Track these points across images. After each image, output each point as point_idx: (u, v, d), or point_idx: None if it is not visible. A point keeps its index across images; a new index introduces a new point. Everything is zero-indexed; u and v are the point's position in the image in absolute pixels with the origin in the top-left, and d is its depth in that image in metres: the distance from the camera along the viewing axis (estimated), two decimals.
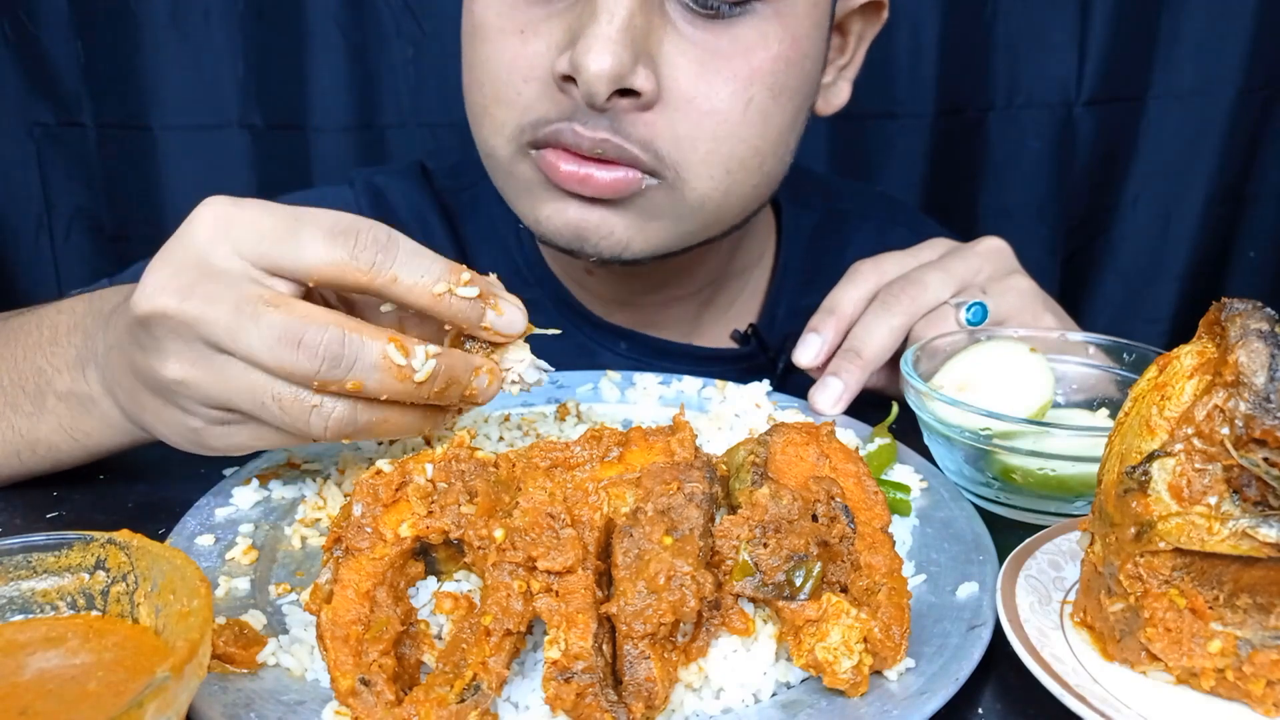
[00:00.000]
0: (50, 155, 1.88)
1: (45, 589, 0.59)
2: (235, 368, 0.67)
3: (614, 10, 0.87)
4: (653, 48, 0.91)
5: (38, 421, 0.83)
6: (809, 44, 0.99)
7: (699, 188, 0.97)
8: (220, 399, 0.68)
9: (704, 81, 0.93)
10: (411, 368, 0.68)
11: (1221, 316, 0.62)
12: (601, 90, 0.89)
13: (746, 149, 0.97)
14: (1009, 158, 1.96)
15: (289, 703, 0.60)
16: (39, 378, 0.83)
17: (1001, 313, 1.02)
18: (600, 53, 0.87)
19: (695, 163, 0.95)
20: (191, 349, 0.67)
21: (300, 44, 1.81)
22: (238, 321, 0.65)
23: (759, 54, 0.94)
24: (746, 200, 1.04)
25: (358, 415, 0.69)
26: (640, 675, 0.58)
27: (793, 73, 0.98)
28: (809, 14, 0.98)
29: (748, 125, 0.96)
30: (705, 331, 1.26)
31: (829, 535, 0.65)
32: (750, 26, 0.93)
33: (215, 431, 0.72)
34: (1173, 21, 1.89)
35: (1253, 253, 2.07)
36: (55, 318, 0.86)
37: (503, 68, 0.95)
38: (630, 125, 0.93)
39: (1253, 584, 0.60)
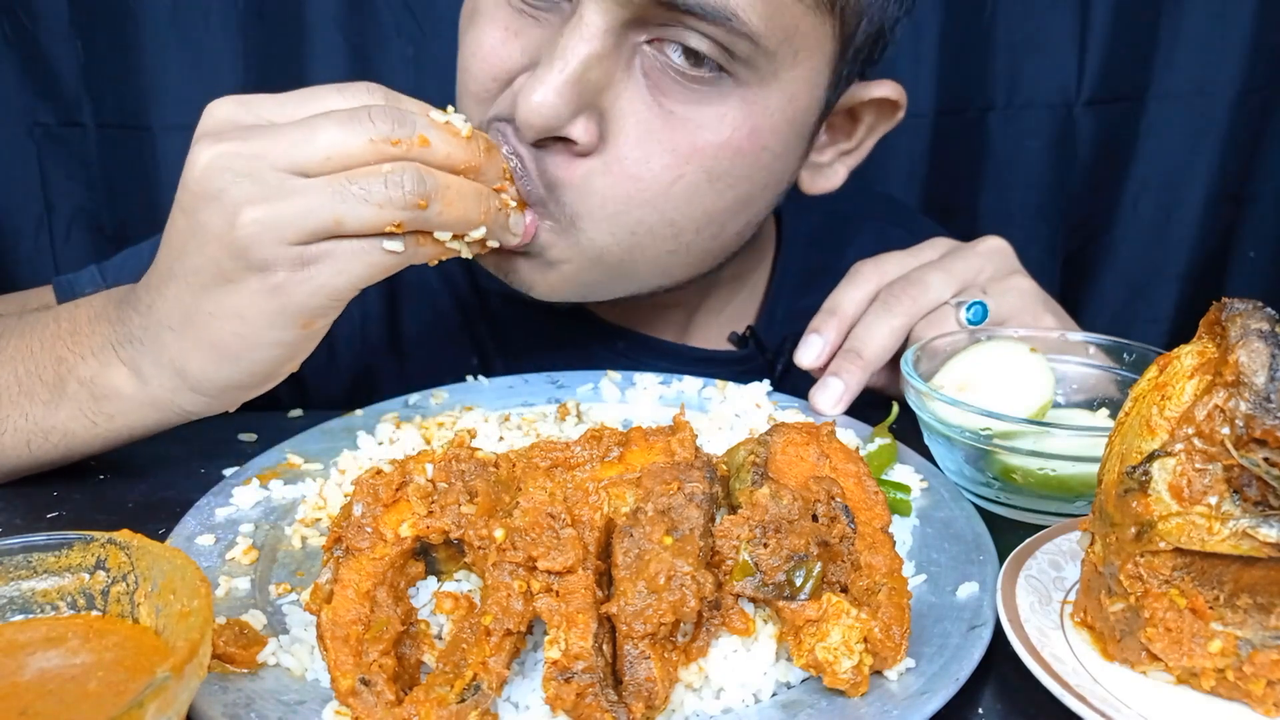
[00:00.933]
0: (50, 155, 1.88)
1: (45, 589, 0.59)
2: (309, 182, 0.73)
3: (569, 58, 0.85)
4: (605, 101, 0.89)
5: (55, 409, 0.83)
6: (773, 138, 0.96)
7: (597, 239, 0.94)
8: (301, 218, 0.72)
9: (641, 147, 0.90)
10: (453, 124, 0.80)
11: (1222, 316, 0.62)
12: (529, 134, 0.88)
13: (659, 219, 0.94)
14: (1009, 158, 1.96)
15: (289, 703, 0.60)
16: (59, 366, 0.83)
17: (1002, 313, 1.02)
18: (540, 97, 0.85)
19: (599, 217, 0.93)
20: (262, 183, 0.72)
21: (300, 44, 1.80)
22: (305, 133, 0.73)
23: (706, 135, 0.91)
24: (664, 264, 1.00)
25: (424, 174, 0.75)
26: (640, 675, 0.58)
27: (741, 162, 0.94)
28: (781, 109, 0.94)
29: (668, 198, 0.93)
30: (701, 333, 1.26)
31: (829, 535, 0.65)
32: (711, 105, 0.91)
33: (298, 279, 0.74)
34: (1173, 21, 1.88)
35: (1253, 253, 2.07)
36: (74, 311, 0.86)
37: (477, 60, 0.95)
38: (549, 161, 0.91)
39: (1253, 584, 0.60)
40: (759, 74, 0.90)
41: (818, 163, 1.10)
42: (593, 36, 0.85)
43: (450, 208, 0.77)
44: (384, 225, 0.74)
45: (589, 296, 1.04)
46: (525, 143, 0.90)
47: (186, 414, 0.84)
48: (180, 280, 0.76)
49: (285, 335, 0.77)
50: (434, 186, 0.76)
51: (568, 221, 0.93)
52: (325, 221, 0.73)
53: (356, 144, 0.74)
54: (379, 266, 0.76)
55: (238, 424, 1.01)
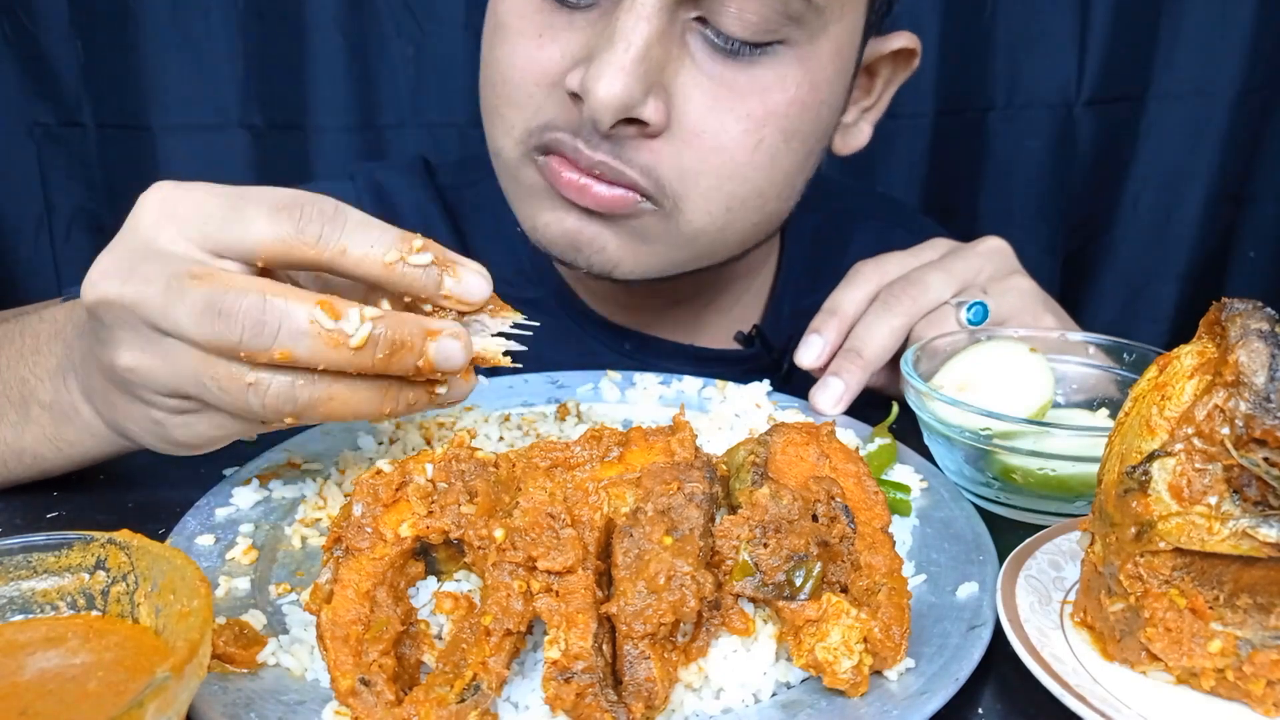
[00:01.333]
0: (50, 155, 1.88)
1: (45, 589, 0.59)
2: (177, 350, 0.65)
3: (631, 39, 0.86)
4: (668, 79, 0.91)
5: (22, 431, 0.82)
6: (828, 90, 0.98)
7: (696, 220, 0.96)
8: (169, 384, 0.66)
9: (715, 117, 0.92)
10: (343, 331, 0.63)
11: (1222, 316, 0.62)
12: (606, 119, 0.88)
13: (749, 188, 0.97)
14: (1009, 158, 1.96)
15: (289, 703, 0.60)
16: (23, 387, 0.82)
17: (1002, 313, 1.02)
18: (610, 81, 0.86)
19: (696, 196, 0.95)
20: (138, 335, 0.65)
21: (300, 44, 1.81)
22: (167, 298, 0.63)
23: (775, 96, 0.93)
24: (744, 236, 1.04)
25: (296, 391, 0.65)
26: (640, 675, 0.58)
27: (807, 117, 0.97)
28: (832, 61, 0.97)
29: (754, 166, 0.95)
30: (708, 332, 1.26)
31: (829, 535, 0.65)
32: (769, 68, 0.93)
33: (176, 422, 0.70)
34: (1173, 21, 1.89)
35: (1253, 253, 2.07)
36: (38, 326, 0.85)
37: (516, 70, 0.95)
38: (634, 151, 0.92)
39: (1253, 584, 0.60)
40: (809, 31, 0.93)
41: (844, 123, 1.11)
42: (650, 14, 0.87)
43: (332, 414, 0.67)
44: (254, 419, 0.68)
45: (665, 274, 1.05)
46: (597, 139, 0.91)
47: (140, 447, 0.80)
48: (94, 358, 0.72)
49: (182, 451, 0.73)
50: (305, 402, 0.66)
51: (672, 205, 0.95)
52: (190, 390, 0.66)
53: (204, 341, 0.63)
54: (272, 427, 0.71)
55: None
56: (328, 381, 0.66)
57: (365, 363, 0.65)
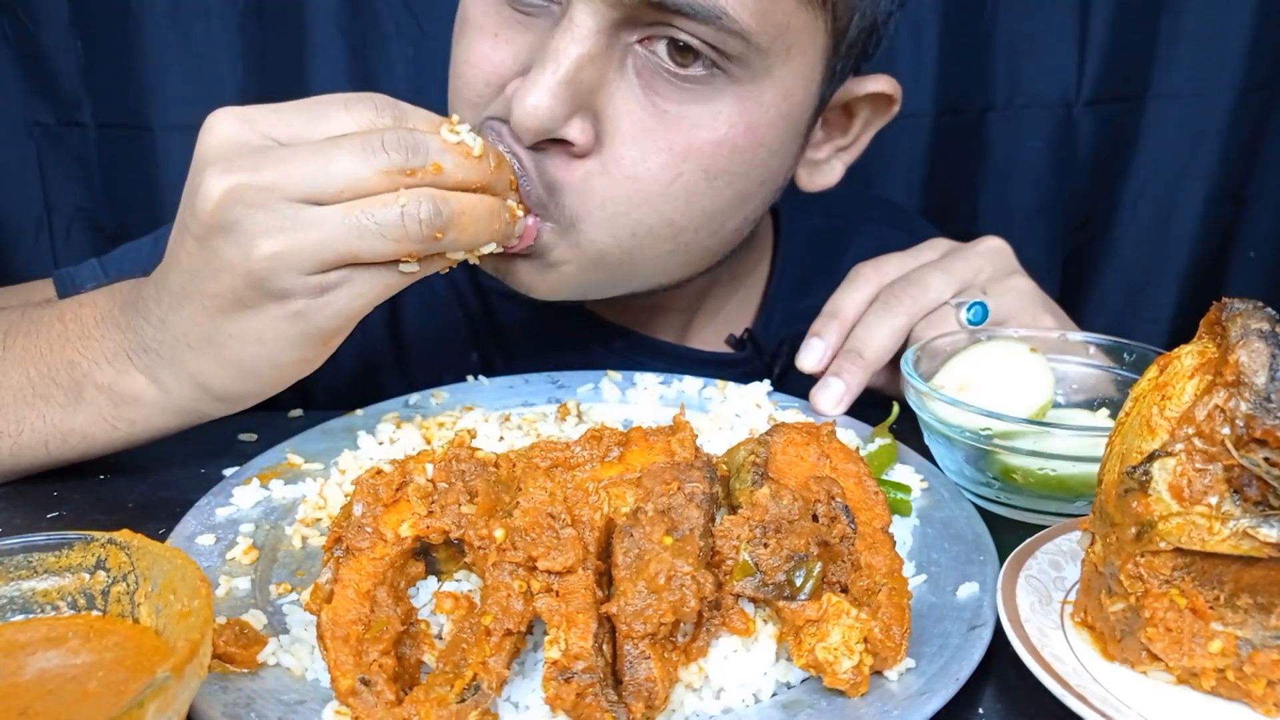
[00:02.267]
0: (50, 155, 1.88)
1: (46, 589, 0.59)
2: (321, 214, 0.72)
3: (561, 60, 0.85)
4: (599, 102, 0.89)
5: (73, 413, 0.83)
6: (769, 134, 0.95)
7: (598, 240, 0.94)
8: (317, 250, 0.72)
9: (637, 147, 0.90)
10: (465, 144, 0.78)
11: (1222, 316, 0.62)
12: (526, 138, 0.88)
13: (658, 218, 0.94)
14: (1009, 158, 1.96)
15: (289, 702, 0.60)
16: (72, 370, 0.83)
17: (1001, 313, 1.02)
18: (535, 99, 0.85)
19: (599, 218, 0.93)
20: (276, 215, 0.71)
21: (300, 44, 1.80)
22: (319, 163, 0.72)
23: (703, 133, 0.91)
24: (664, 265, 1.00)
25: (441, 206, 0.74)
26: (640, 675, 0.58)
27: (737, 159, 0.94)
28: (776, 105, 0.94)
29: (667, 198, 0.93)
30: (700, 334, 1.26)
31: (829, 535, 0.65)
32: (705, 103, 0.90)
33: (316, 305, 0.74)
34: (1173, 21, 1.88)
35: (1253, 253, 2.06)
36: (78, 311, 0.86)
37: (470, 66, 0.95)
38: (548, 164, 0.91)
39: (1253, 584, 0.60)
40: (752, 71, 0.90)
41: (815, 159, 1.10)
42: (584, 38, 0.85)
43: (464, 233, 0.77)
44: (399, 256, 0.74)
45: (588, 296, 1.04)
46: (523, 146, 0.90)
47: (207, 416, 0.84)
48: (196, 302, 0.76)
49: (306, 354, 0.78)
50: (449, 215, 0.75)
51: (568, 224, 0.93)
52: (341, 255, 0.73)
53: (370, 175, 0.73)
54: (395, 287, 0.77)
55: (238, 424, 1.01)
56: (458, 196, 0.76)
57: (485, 175, 0.78)
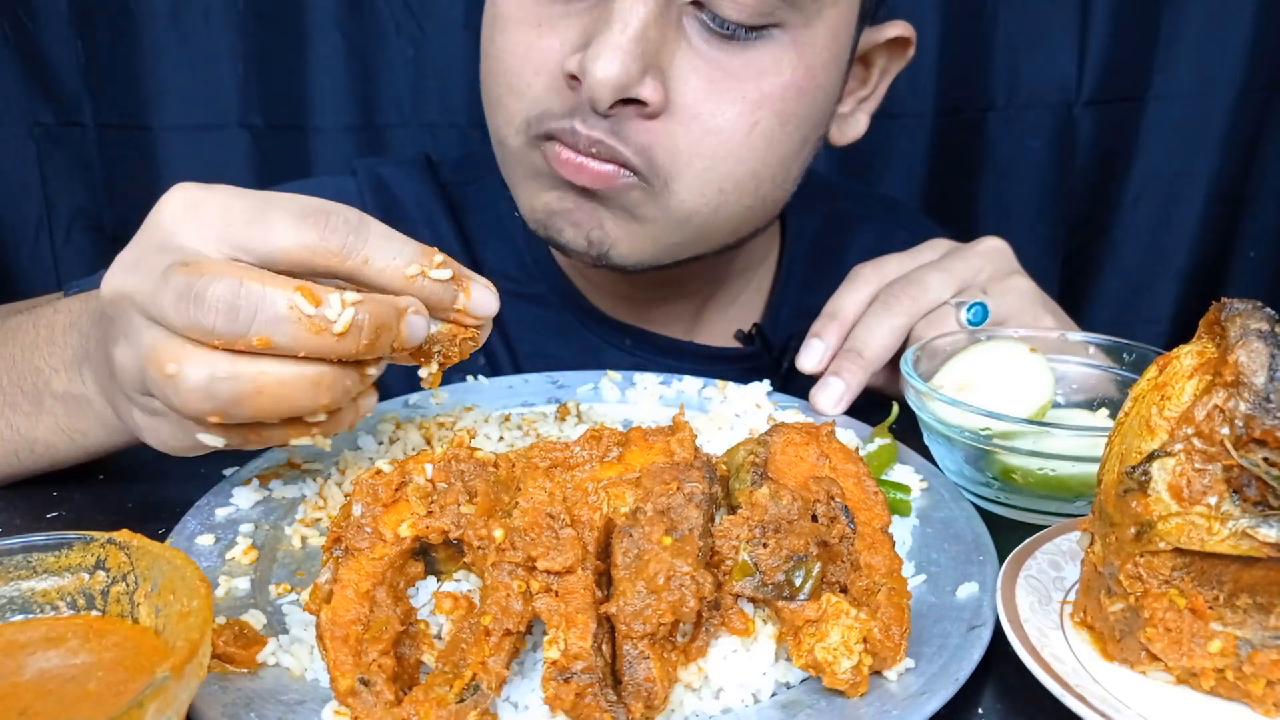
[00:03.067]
0: (50, 155, 1.88)
1: (45, 589, 0.59)
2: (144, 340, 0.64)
3: (628, 19, 0.88)
4: (664, 61, 0.91)
5: (35, 421, 0.83)
6: (824, 76, 0.99)
7: (688, 201, 0.97)
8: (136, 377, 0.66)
9: (711, 99, 0.93)
10: (325, 317, 0.62)
11: (1221, 316, 0.62)
12: (605, 97, 0.89)
13: (744, 171, 0.97)
14: (1009, 158, 1.96)
15: (289, 702, 0.60)
16: (36, 377, 0.82)
17: (1001, 313, 1.02)
18: (609, 60, 0.87)
19: (689, 176, 0.95)
20: (131, 328, 0.65)
21: (300, 44, 1.81)
22: (155, 286, 0.62)
23: (771, 79, 0.94)
24: (737, 220, 1.04)
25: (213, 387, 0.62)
26: (640, 675, 0.58)
27: (803, 101, 0.98)
28: (827, 46, 0.97)
29: (750, 148, 0.96)
30: (708, 329, 1.26)
31: (829, 535, 0.65)
32: (765, 51, 0.93)
33: (147, 425, 0.70)
34: (1173, 21, 1.89)
35: (1253, 253, 2.07)
36: (52, 317, 0.85)
37: (515, 59, 0.96)
38: (630, 130, 0.93)
39: (1253, 584, 0.60)
40: (805, 15, 0.93)
41: (841, 113, 1.12)
42: None
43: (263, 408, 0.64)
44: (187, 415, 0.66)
45: (662, 260, 1.05)
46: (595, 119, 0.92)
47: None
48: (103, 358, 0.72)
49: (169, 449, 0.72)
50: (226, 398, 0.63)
51: (661, 184, 0.95)
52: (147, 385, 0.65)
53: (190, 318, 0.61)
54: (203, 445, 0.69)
55: None
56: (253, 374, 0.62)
57: (349, 349, 0.64)
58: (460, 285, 0.71)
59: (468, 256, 1.23)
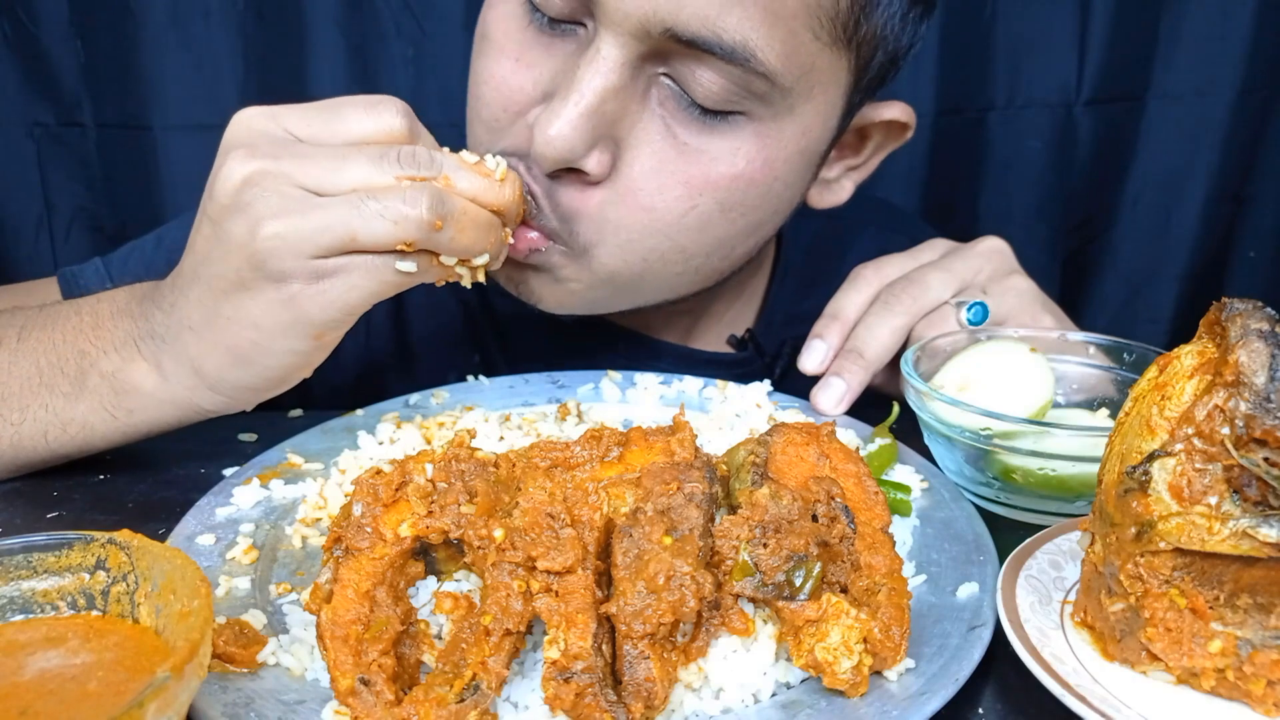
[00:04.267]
0: (50, 155, 1.88)
1: (45, 589, 0.59)
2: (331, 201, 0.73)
3: (584, 91, 0.86)
4: (621, 131, 0.90)
5: (75, 401, 0.84)
6: (784, 168, 0.96)
7: (608, 264, 0.95)
8: (318, 232, 0.73)
9: (655, 179, 0.91)
10: (485, 165, 0.80)
11: (1222, 316, 0.62)
12: (545, 165, 0.89)
13: (670, 245, 0.95)
14: (1009, 158, 1.96)
15: (289, 702, 0.60)
16: (81, 360, 0.84)
17: (1001, 313, 1.02)
18: (557, 130, 0.86)
19: (611, 245, 0.94)
20: (285, 200, 0.73)
21: (300, 44, 1.81)
22: (340, 161, 0.74)
23: (720, 167, 0.92)
24: (672, 284, 1.02)
25: (443, 199, 0.75)
26: (640, 675, 0.58)
27: (752, 193, 0.95)
28: (794, 140, 0.95)
29: (680, 228, 0.94)
30: (702, 335, 1.26)
31: (829, 535, 0.65)
32: (724, 138, 0.91)
33: (311, 292, 0.75)
34: (1173, 21, 1.89)
35: (1253, 253, 2.07)
36: (96, 305, 0.87)
37: (489, 88, 0.95)
38: (563, 194, 0.92)
39: (1253, 584, 0.60)
40: (774, 109, 0.91)
41: (826, 179, 1.11)
42: (609, 70, 0.86)
43: (462, 233, 0.77)
44: (397, 242, 0.74)
45: (594, 311, 1.05)
46: (540, 175, 0.91)
47: (204, 412, 0.84)
48: (203, 284, 0.77)
49: (298, 344, 0.78)
50: (450, 210, 0.76)
51: (580, 249, 0.94)
52: (340, 236, 0.73)
53: (383, 180, 0.75)
54: (390, 284, 0.77)
55: (238, 424, 1.01)
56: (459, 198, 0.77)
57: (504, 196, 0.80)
58: None
59: None
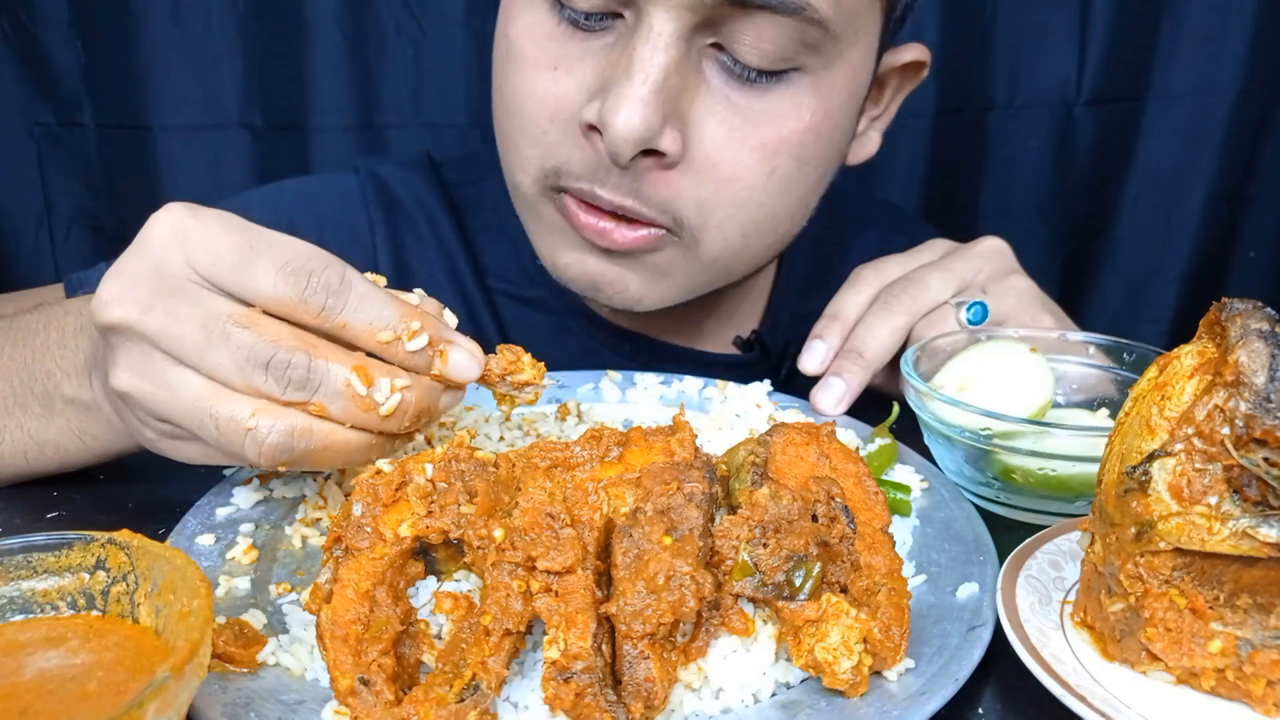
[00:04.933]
0: (50, 155, 1.88)
1: (45, 589, 0.59)
2: (182, 382, 0.66)
3: (648, 70, 0.86)
4: (684, 108, 0.90)
5: (46, 424, 0.83)
6: (841, 115, 0.98)
7: (713, 248, 0.97)
8: (164, 413, 0.68)
9: (730, 147, 0.92)
10: (374, 399, 0.67)
11: (1222, 316, 0.62)
12: (626, 152, 0.88)
13: (764, 214, 0.97)
14: (1009, 158, 1.96)
15: (289, 702, 0.60)
16: (48, 381, 0.83)
17: (1000, 313, 1.02)
18: (629, 113, 0.85)
19: (712, 226, 0.95)
20: (144, 362, 0.67)
21: (300, 44, 1.81)
22: (206, 339, 0.65)
23: (789, 124, 0.93)
24: (759, 257, 1.05)
25: (294, 442, 0.66)
26: (639, 675, 0.58)
27: (821, 143, 0.97)
28: (845, 86, 0.96)
29: (768, 193, 0.95)
30: (709, 336, 1.26)
31: (829, 535, 0.65)
32: (784, 96, 0.92)
33: (166, 445, 0.72)
34: (1173, 21, 1.89)
35: (1253, 253, 2.07)
36: (63, 319, 0.85)
37: (531, 102, 0.94)
38: (651, 186, 0.92)
39: (1253, 584, 0.60)
40: (825, 58, 0.92)
41: (855, 133, 1.11)
42: (667, 44, 0.86)
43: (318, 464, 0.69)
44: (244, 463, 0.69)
45: (690, 297, 1.06)
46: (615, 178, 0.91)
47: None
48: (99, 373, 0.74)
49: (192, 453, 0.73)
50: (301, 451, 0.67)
51: (690, 237, 0.95)
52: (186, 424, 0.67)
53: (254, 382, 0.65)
54: None
55: None
56: (326, 433, 0.67)
57: (392, 428, 0.69)
58: (436, 349, 0.71)
59: (469, 258, 1.23)
